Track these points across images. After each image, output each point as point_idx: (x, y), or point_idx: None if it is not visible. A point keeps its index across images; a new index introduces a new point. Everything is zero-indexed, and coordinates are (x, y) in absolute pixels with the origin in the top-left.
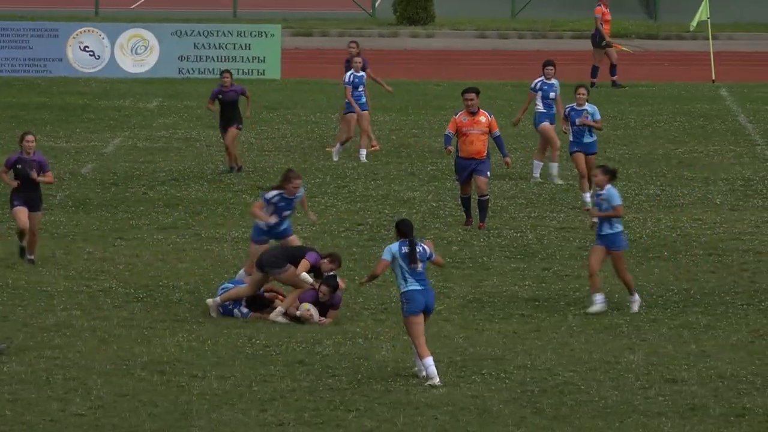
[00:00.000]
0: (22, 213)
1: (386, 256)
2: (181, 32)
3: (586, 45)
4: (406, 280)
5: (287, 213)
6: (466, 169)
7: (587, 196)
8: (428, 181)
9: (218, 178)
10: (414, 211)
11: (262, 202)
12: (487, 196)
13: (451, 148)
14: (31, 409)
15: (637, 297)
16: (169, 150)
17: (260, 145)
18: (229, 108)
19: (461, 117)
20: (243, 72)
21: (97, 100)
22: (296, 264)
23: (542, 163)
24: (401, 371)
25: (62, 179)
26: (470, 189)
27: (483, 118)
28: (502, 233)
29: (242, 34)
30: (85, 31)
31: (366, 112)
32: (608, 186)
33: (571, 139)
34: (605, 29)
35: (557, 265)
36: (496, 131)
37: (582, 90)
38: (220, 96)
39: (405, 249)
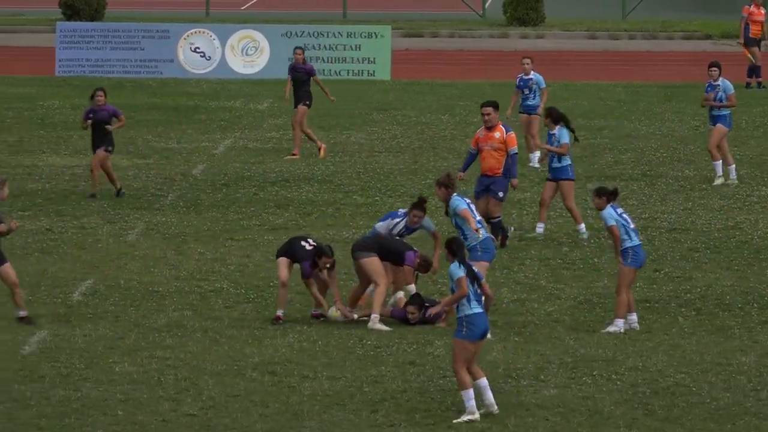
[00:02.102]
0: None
1: (462, 273)
2: (291, 33)
3: (697, 46)
4: (469, 302)
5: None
6: (481, 185)
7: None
8: (538, 182)
9: (329, 178)
10: (524, 212)
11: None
12: (499, 218)
13: (462, 174)
14: (143, 409)
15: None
16: (280, 151)
17: (371, 145)
18: (100, 128)
19: (480, 131)
20: (353, 73)
21: (207, 101)
22: (387, 258)
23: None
24: (511, 372)
25: (173, 180)
26: (483, 210)
27: (498, 133)
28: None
29: (352, 35)
30: (196, 32)
31: (529, 115)
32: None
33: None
34: (754, 29)
35: (668, 267)
36: (513, 148)
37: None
38: (92, 115)
39: (466, 269)
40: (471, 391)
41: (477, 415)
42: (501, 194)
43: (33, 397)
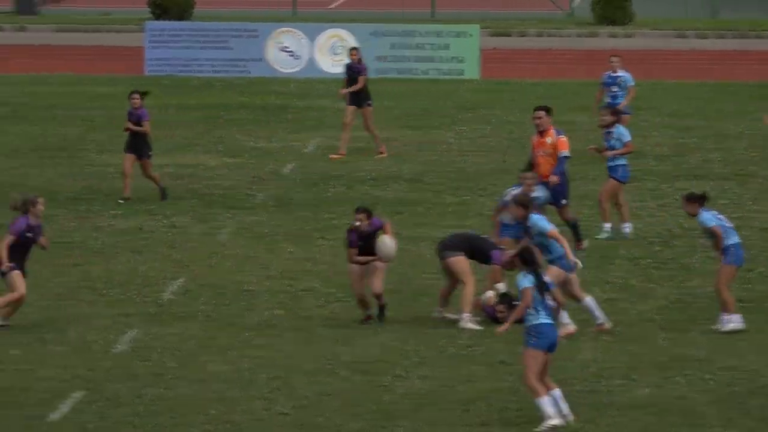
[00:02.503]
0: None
1: (527, 284)
2: (379, 32)
3: None
4: (538, 312)
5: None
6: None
7: None
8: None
9: (418, 177)
10: (613, 211)
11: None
12: (572, 221)
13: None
14: (235, 408)
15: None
16: (368, 150)
17: (459, 145)
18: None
19: (534, 137)
20: (441, 72)
21: (296, 100)
22: (474, 257)
23: None
24: (603, 372)
25: (263, 179)
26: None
27: (549, 139)
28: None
29: (440, 34)
30: (284, 31)
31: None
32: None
33: None
34: None
35: (761, 267)
36: (563, 152)
37: None
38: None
39: (535, 278)
40: (546, 398)
41: (559, 420)
42: (564, 201)
43: (126, 395)
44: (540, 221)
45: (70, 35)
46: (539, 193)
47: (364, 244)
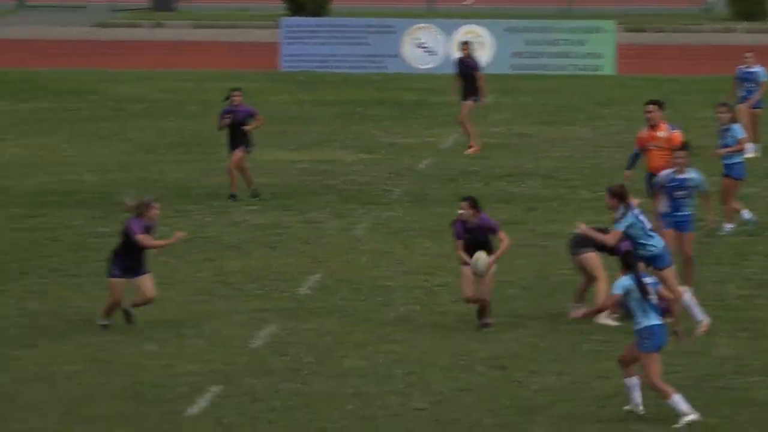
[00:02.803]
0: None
1: (618, 290)
2: (514, 28)
3: None
4: (646, 314)
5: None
6: (653, 185)
7: None
8: (763, 177)
9: (553, 174)
10: (754, 208)
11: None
12: None
13: (629, 173)
14: (372, 403)
15: None
16: (505, 146)
17: (595, 141)
18: (237, 128)
19: (643, 132)
20: (577, 68)
21: (432, 96)
22: (602, 250)
23: None
24: (741, 369)
25: (400, 174)
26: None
27: (662, 133)
28: None
29: (576, 30)
30: (420, 27)
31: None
32: None
33: None
34: None
35: None
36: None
37: None
38: (230, 115)
39: (636, 281)
40: (677, 396)
41: (695, 416)
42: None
43: (262, 390)
44: (636, 217)
45: (206, 31)
46: (692, 174)
47: (471, 237)
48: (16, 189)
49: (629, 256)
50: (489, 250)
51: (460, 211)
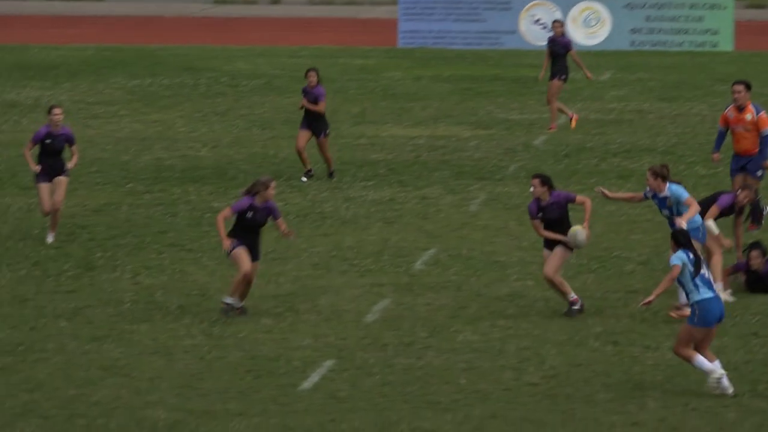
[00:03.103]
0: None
1: (676, 261)
2: (632, 5)
3: None
4: (698, 288)
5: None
6: (737, 164)
7: None
8: None
9: (671, 150)
10: None
11: None
12: (757, 198)
13: (717, 155)
14: (485, 378)
15: None
16: (621, 122)
17: (713, 117)
18: (309, 110)
19: (729, 112)
20: (695, 44)
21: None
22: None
23: None
24: None
25: (515, 151)
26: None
27: (749, 115)
28: None
29: (695, 7)
30: (537, 4)
31: None
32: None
33: None
34: None
35: None
36: (765, 130)
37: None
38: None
39: (691, 256)
40: (699, 357)
41: (720, 371)
42: (759, 173)
43: (376, 364)
44: (678, 190)
45: (323, 8)
46: None
47: (544, 216)
48: (133, 165)
49: (681, 235)
50: (564, 229)
51: (532, 189)
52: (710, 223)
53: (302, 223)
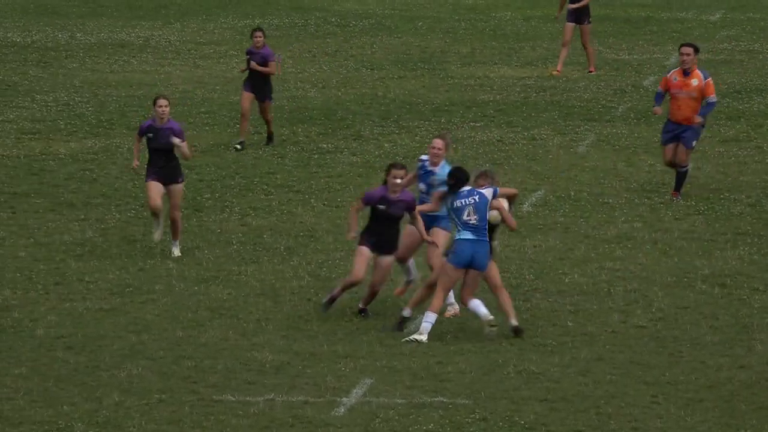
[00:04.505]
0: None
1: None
2: None
3: None
4: (458, 230)
5: None
6: (671, 132)
7: None
8: None
9: None
10: None
11: None
12: (686, 168)
13: (659, 108)
14: (592, 321)
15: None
16: (732, 62)
17: None
18: (256, 72)
19: (673, 75)
20: None
21: (659, 12)
22: None
23: None
24: None
25: (624, 91)
26: (670, 160)
27: (695, 80)
28: None
29: None
30: None
31: None
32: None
33: None
34: None
35: None
36: (711, 97)
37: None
38: (248, 57)
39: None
40: (435, 316)
41: (424, 338)
42: (694, 143)
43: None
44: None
45: None
46: None
47: None
48: (240, 106)
49: (458, 172)
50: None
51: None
52: None
53: (411, 165)
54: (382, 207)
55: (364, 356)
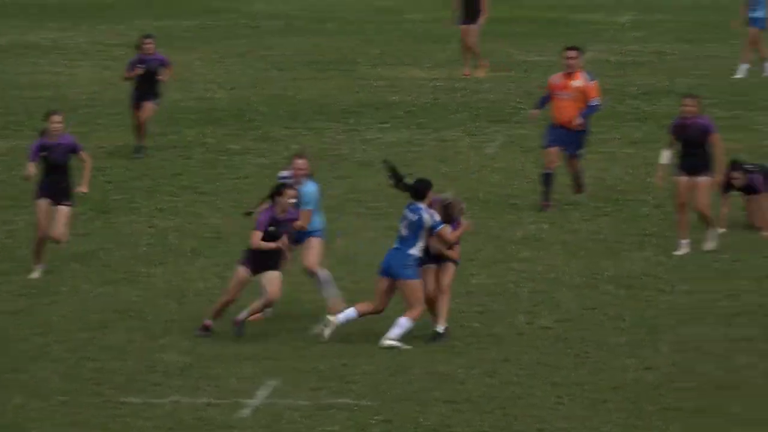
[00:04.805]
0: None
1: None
2: None
3: None
4: None
5: None
6: (555, 135)
7: None
8: None
9: (689, 92)
10: None
11: None
12: (577, 173)
13: (536, 112)
14: (499, 322)
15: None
16: (641, 64)
17: (733, 59)
18: (149, 78)
19: (556, 77)
20: None
21: (569, 13)
22: None
23: None
24: None
25: (533, 93)
26: (554, 162)
27: (578, 82)
28: None
29: None
30: None
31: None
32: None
33: None
34: None
35: None
36: (594, 99)
37: None
38: (142, 65)
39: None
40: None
41: (326, 334)
42: (580, 150)
43: (390, 308)
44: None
45: None
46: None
47: None
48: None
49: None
50: None
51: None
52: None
53: (319, 167)
54: (272, 229)
55: (270, 358)
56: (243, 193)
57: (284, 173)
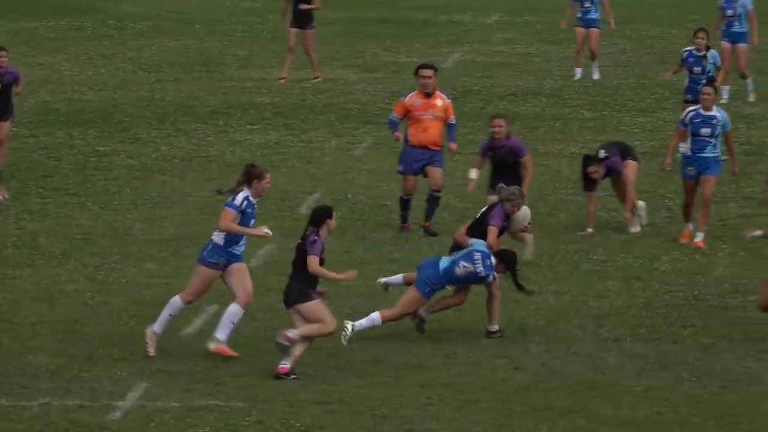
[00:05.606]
0: None
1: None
2: None
3: None
4: None
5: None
6: (418, 160)
7: None
8: None
9: (556, 93)
10: None
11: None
12: (440, 193)
13: (399, 135)
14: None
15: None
16: (508, 65)
17: (600, 60)
18: (6, 93)
19: (413, 99)
20: None
21: (437, 14)
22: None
23: None
24: (739, 288)
25: (401, 94)
26: (414, 187)
27: (439, 101)
28: None
29: None
30: None
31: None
32: None
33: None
34: None
35: None
36: (452, 118)
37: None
38: None
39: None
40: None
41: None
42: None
43: (260, 309)
44: None
45: None
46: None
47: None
48: (17, 108)
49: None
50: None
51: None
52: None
53: (187, 168)
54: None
55: (141, 360)
56: (112, 195)
57: None
